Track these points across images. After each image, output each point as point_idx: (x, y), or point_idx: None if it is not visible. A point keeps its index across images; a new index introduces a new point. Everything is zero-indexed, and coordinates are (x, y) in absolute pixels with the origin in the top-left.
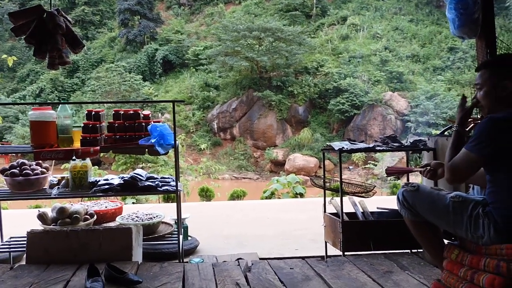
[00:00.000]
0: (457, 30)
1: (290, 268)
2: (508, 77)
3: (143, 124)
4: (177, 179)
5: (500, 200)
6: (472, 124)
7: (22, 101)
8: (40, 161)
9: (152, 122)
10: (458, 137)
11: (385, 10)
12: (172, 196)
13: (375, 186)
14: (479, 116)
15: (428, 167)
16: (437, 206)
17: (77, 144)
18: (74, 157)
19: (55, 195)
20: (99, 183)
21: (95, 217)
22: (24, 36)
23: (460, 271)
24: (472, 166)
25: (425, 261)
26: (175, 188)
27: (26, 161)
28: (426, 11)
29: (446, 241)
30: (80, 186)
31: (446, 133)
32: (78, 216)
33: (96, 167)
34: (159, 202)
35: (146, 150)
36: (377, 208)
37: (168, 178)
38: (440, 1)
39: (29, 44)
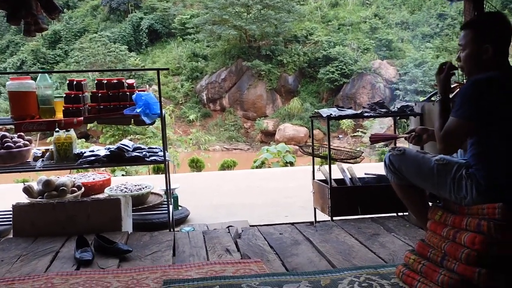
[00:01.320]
0: None
1: (280, 234)
2: (490, 40)
3: (128, 93)
4: (164, 149)
5: (482, 162)
6: (458, 90)
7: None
8: (22, 134)
9: (137, 91)
10: (444, 106)
11: None
12: (162, 167)
13: (362, 152)
14: (464, 81)
15: (413, 133)
16: (422, 169)
17: (59, 115)
18: (57, 128)
19: (39, 167)
20: (85, 154)
21: (83, 189)
22: None
23: (443, 231)
24: (462, 132)
25: (411, 223)
26: (163, 158)
27: (7, 134)
28: None
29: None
30: (65, 158)
31: (432, 98)
32: (65, 188)
33: (83, 140)
34: (149, 174)
35: (132, 120)
36: (365, 174)
37: (156, 148)
38: None
39: (1, 10)
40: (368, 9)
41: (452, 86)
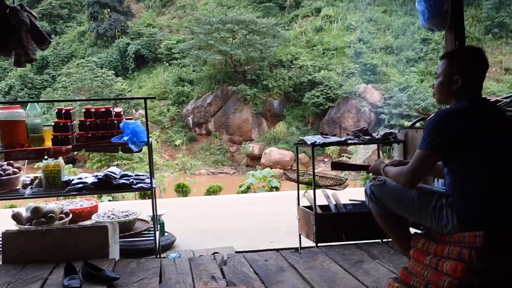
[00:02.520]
0: (427, 22)
1: (265, 260)
2: (460, 71)
3: (115, 121)
4: (151, 176)
5: (458, 191)
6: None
7: None
8: (12, 161)
9: (124, 120)
10: (391, 166)
11: (359, 1)
12: (149, 192)
13: (347, 179)
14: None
15: (370, 169)
16: (403, 199)
17: (48, 143)
18: (46, 157)
19: (28, 195)
20: (73, 182)
21: (71, 215)
22: None
23: (425, 259)
24: (426, 162)
25: (395, 250)
26: (150, 185)
27: None
28: (399, 1)
29: (414, 230)
30: (53, 185)
31: (417, 124)
32: (53, 215)
33: (71, 165)
34: (135, 199)
35: (119, 148)
36: (350, 200)
37: (143, 175)
38: None
39: None
40: (353, 34)
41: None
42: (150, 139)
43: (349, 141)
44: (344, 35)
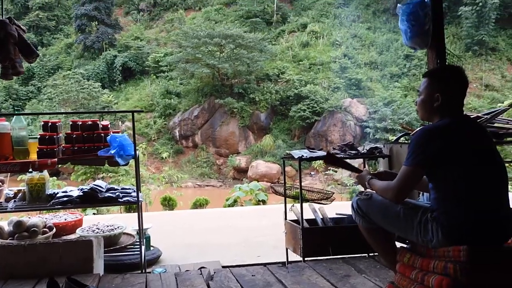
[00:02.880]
0: (409, 41)
1: (252, 275)
2: (440, 89)
3: (102, 134)
4: (138, 189)
5: (443, 206)
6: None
7: None
8: None
9: (111, 133)
10: (377, 178)
11: (344, 17)
12: (134, 206)
13: (333, 193)
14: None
15: (358, 177)
16: (389, 213)
17: (33, 156)
18: (30, 170)
19: (11, 208)
20: (57, 195)
21: (54, 230)
22: None
23: (411, 274)
24: (412, 178)
25: (381, 265)
26: (136, 199)
27: None
28: (383, 19)
29: (400, 245)
30: (37, 199)
31: (401, 140)
32: (36, 229)
33: (55, 177)
34: (120, 213)
35: (106, 161)
36: (336, 214)
37: (129, 188)
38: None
39: None
40: (338, 49)
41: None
42: (137, 152)
43: (336, 156)
44: (329, 50)
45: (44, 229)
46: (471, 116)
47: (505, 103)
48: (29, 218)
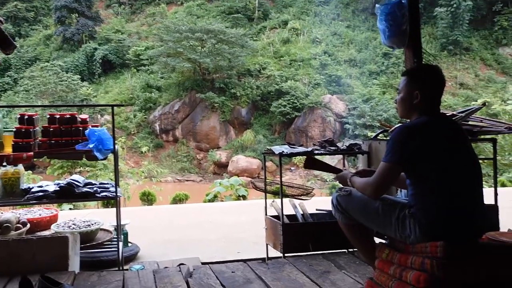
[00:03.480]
0: (387, 40)
1: (232, 272)
2: (419, 87)
3: (81, 128)
4: (116, 185)
5: (420, 202)
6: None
7: None
8: None
9: (90, 127)
10: (357, 176)
11: (324, 15)
12: (112, 201)
13: (313, 188)
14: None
15: (338, 177)
16: (368, 210)
17: (8, 150)
18: (5, 163)
19: None
20: (32, 190)
21: (28, 225)
22: None
23: (390, 269)
24: (390, 175)
25: (360, 260)
26: (114, 194)
27: None
28: (362, 17)
29: (379, 240)
30: (11, 193)
31: (379, 136)
32: (9, 225)
33: (30, 171)
34: (97, 208)
35: (84, 155)
36: (316, 209)
37: (107, 183)
38: (375, 8)
39: None
40: (318, 46)
41: (397, 125)
42: (116, 146)
43: (316, 152)
44: (310, 47)
45: (18, 225)
46: (447, 114)
47: (478, 101)
48: (1, 213)
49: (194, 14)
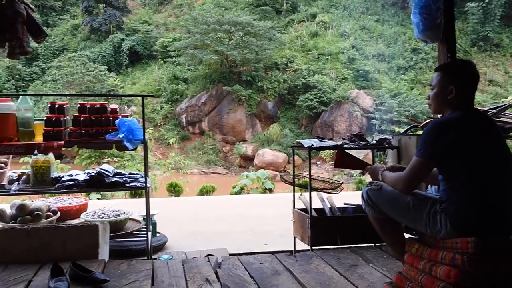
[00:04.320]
0: (421, 34)
1: (260, 263)
2: (454, 82)
3: (111, 118)
4: (146, 174)
5: (452, 197)
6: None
7: None
8: None
9: (120, 117)
10: (390, 171)
11: (353, 9)
12: (140, 191)
13: (342, 182)
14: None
15: (369, 169)
16: (399, 204)
17: (38, 138)
18: (36, 152)
19: (14, 191)
20: (63, 179)
21: (58, 214)
22: None
23: (420, 264)
24: (422, 170)
25: (388, 255)
26: (143, 184)
27: None
28: (391, 12)
29: (407, 236)
30: (42, 182)
31: (408, 132)
32: (39, 213)
33: (58, 161)
34: (125, 198)
35: (114, 145)
36: (344, 203)
37: (137, 174)
38: (405, 2)
39: None
40: (346, 40)
41: (427, 121)
42: (146, 137)
43: (345, 146)
44: (338, 41)
45: (48, 213)
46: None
47: (508, 98)
48: (32, 201)
49: (222, 5)
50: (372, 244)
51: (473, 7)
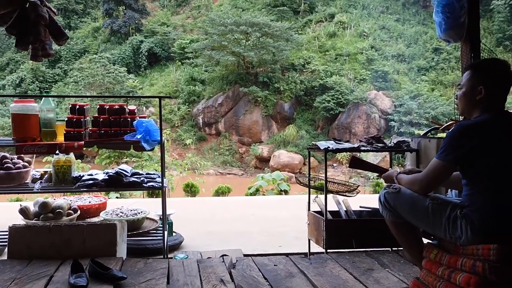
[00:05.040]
0: (443, 34)
1: (274, 265)
2: (484, 82)
3: (129, 119)
4: (163, 175)
5: (475, 203)
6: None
7: (1, 91)
8: (22, 155)
9: (138, 118)
10: (405, 174)
11: (372, 8)
12: (157, 191)
13: (358, 185)
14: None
15: (383, 176)
16: (417, 208)
17: (60, 138)
18: (57, 152)
19: (37, 189)
20: (83, 178)
21: (79, 212)
22: (5, 27)
23: (438, 270)
24: (442, 173)
25: (405, 260)
26: (160, 184)
27: (7, 155)
28: (412, 11)
29: (425, 241)
30: (63, 180)
31: (429, 134)
32: (61, 211)
33: (79, 160)
34: (143, 197)
35: (131, 145)
36: (360, 207)
37: (154, 174)
38: (426, 1)
39: (10, 35)
40: (365, 40)
41: (448, 123)
42: (163, 138)
43: (362, 148)
44: (356, 41)
45: (69, 211)
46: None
47: None
48: (54, 199)
49: (239, 6)
50: (389, 249)
51: (499, 4)
